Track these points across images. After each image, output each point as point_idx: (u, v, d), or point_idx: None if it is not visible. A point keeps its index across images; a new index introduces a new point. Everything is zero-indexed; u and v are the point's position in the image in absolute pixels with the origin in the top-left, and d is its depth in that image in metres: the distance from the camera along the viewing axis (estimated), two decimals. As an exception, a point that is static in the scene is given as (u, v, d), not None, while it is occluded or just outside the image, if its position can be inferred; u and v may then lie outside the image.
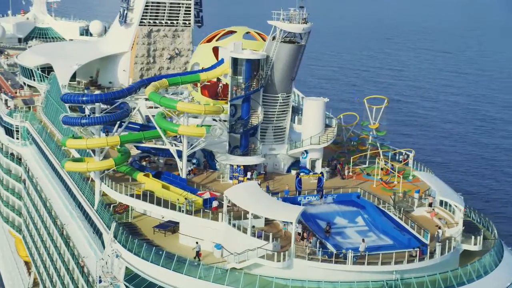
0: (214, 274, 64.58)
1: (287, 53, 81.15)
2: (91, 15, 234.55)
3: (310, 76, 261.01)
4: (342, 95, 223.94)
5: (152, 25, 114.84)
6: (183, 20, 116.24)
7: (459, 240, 69.28)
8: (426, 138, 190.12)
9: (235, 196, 69.56)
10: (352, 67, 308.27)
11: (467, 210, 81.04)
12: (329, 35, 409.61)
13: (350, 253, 63.44)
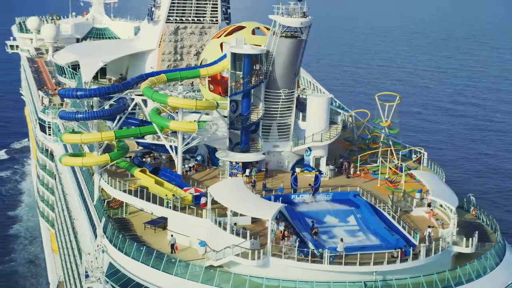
0: (190, 272, 63.56)
1: (287, 48, 79.58)
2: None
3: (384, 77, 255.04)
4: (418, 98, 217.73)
5: (179, 22, 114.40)
6: (210, 17, 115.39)
7: (450, 241, 66.44)
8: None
9: (218, 192, 68.56)
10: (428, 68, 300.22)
11: (477, 212, 78.46)
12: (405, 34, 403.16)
13: (326, 252, 61.52)
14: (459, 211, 79.93)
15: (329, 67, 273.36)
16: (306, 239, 65.79)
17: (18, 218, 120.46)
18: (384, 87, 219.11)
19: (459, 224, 74.87)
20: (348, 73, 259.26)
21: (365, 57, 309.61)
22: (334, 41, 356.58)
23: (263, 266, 62.74)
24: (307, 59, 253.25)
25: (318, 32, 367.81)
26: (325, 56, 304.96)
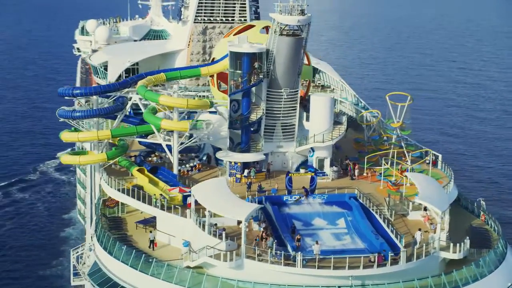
0: (165, 272, 62.94)
1: (287, 46, 78.05)
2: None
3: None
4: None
5: (207, 22, 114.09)
6: (238, 17, 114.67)
7: (437, 247, 64.02)
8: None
9: (199, 192, 67.68)
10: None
11: (486, 217, 75.68)
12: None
13: (299, 255, 60.01)
14: (470, 216, 77.65)
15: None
16: (286, 242, 64.19)
17: (72, 221, 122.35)
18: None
19: (463, 229, 72.84)
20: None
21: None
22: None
23: (238, 268, 61.56)
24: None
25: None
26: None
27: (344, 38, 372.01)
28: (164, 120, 75.01)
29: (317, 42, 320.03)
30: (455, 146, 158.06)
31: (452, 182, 78.79)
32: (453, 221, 74.34)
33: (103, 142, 78.65)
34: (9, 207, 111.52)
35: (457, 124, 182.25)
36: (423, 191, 68.51)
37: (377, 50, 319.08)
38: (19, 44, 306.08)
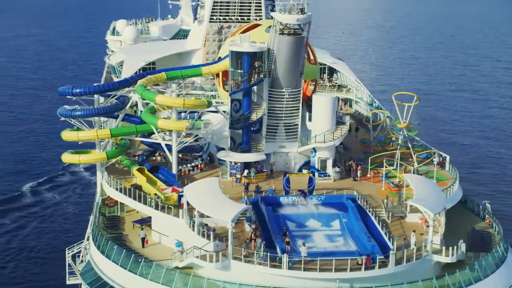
0: (152, 272, 62.70)
1: (287, 45, 77.24)
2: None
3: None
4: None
5: (222, 21, 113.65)
6: (254, 16, 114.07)
7: (429, 250, 62.79)
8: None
9: (190, 192, 67.33)
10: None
11: (491, 220, 74.18)
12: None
13: (285, 257, 59.27)
14: (475, 219, 76.15)
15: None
16: (276, 243, 63.51)
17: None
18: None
19: (465, 232, 71.48)
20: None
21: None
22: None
23: (225, 269, 61.06)
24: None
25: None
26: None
27: (385, 37, 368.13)
28: (161, 119, 74.72)
29: (355, 42, 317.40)
30: (495, 150, 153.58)
31: (457, 183, 77.06)
32: (456, 223, 73.28)
33: (104, 141, 78.38)
34: (37, 207, 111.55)
35: (499, 127, 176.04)
36: (418, 193, 67.26)
37: (418, 49, 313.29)
38: (60, 46, 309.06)
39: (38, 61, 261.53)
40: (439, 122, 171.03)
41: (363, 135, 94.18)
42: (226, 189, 75.54)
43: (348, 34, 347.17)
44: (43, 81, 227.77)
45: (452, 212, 76.24)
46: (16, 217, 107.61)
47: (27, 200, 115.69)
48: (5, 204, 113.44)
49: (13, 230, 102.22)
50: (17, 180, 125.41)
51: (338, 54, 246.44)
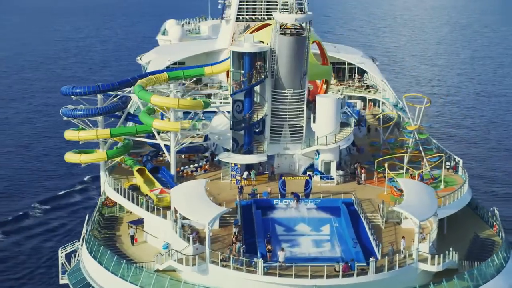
0: (132, 274, 62.38)
1: (287, 46, 75.88)
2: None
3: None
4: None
5: (249, 20, 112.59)
6: None
7: (415, 257, 60.77)
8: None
9: (176, 194, 66.80)
10: None
11: (498, 227, 71.76)
12: None
13: (260, 262, 58.15)
14: (483, 226, 73.77)
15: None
16: (258, 248, 62.39)
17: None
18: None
19: (468, 239, 69.84)
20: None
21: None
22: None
23: (203, 273, 60.29)
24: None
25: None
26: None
27: (458, 36, 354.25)
28: (156, 120, 74.20)
29: (424, 41, 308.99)
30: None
31: (465, 188, 74.58)
32: (462, 229, 71.46)
33: (108, 141, 78.41)
34: (69, 208, 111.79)
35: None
36: (407, 199, 65.22)
37: (491, 48, 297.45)
38: (128, 46, 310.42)
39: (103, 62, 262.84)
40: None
41: (373, 138, 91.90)
42: (224, 190, 74.86)
43: (418, 32, 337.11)
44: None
45: (460, 217, 74.42)
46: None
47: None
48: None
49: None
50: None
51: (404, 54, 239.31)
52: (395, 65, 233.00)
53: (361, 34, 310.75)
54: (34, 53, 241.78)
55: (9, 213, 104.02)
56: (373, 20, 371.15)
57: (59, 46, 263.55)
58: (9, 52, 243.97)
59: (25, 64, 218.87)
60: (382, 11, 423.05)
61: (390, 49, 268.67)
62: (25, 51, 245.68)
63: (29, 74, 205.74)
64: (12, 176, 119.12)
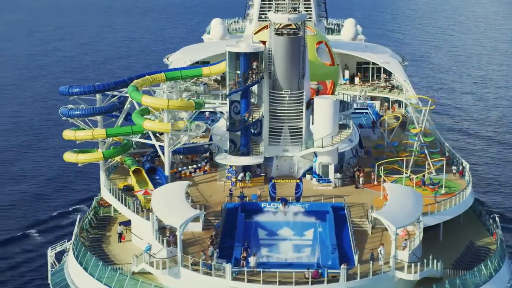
0: (107, 276, 62.27)
1: (283, 46, 74.73)
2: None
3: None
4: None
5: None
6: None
7: (392, 265, 59.06)
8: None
9: (156, 196, 66.39)
10: None
11: (497, 235, 69.54)
12: None
13: (228, 267, 57.29)
14: (484, 233, 71.61)
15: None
16: (233, 252, 61.50)
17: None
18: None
19: (462, 246, 68.70)
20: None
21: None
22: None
23: (176, 276, 59.76)
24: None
25: None
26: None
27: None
28: (147, 120, 73.76)
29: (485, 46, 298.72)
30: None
31: (468, 191, 72.91)
32: (460, 236, 69.59)
33: (107, 141, 78.40)
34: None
35: None
36: (389, 204, 63.38)
37: None
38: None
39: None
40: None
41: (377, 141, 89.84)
42: (218, 192, 74.10)
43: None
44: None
45: (463, 224, 72.45)
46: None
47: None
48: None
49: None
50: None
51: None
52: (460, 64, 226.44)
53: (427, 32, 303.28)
54: (96, 53, 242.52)
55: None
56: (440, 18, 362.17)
57: (118, 45, 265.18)
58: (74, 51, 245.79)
59: (89, 64, 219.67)
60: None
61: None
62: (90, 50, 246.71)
63: (91, 74, 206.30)
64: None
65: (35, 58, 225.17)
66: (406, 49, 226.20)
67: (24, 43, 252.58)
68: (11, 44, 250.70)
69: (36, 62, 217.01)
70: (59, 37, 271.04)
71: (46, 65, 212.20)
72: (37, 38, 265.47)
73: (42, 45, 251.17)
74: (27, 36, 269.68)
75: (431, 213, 68.28)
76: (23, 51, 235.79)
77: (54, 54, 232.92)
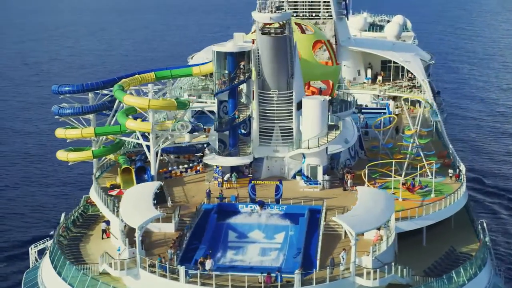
0: (71, 276, 62.42)
1: (268, 45, 73.62)
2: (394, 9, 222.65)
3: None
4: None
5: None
6: (323, 12, 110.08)
7: (352, 271, 57.59)
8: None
9: (126, 196, 66.36)
10: None
11: (482, 242, 67.45)
12: None
13: (181, 269, 56.80)
14: (473, 239, 69.40)
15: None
16: (195, 255, 60.97)
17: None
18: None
19: (440, 252, 66.04)
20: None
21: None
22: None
23: (136, 278, 59.48)
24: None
25: None
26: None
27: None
28: (129, 120, 73.73)
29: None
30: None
31: (460, 192, 71.09)
32: (443, 241, 67.06)
33: (98, 139, 78.90)
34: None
35: None
36: (356, 208, 61.77)
37: None
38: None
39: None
40: None
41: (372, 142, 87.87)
42: (202, 192, 73.63)
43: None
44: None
45: (453, 228, 70.12)
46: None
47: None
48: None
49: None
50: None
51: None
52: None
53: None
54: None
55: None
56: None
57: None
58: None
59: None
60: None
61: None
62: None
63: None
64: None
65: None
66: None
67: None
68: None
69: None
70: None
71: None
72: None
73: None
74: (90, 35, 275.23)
75: (411, 218, 66.17)
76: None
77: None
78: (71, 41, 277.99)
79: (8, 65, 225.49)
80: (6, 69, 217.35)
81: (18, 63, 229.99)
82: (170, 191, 74.31)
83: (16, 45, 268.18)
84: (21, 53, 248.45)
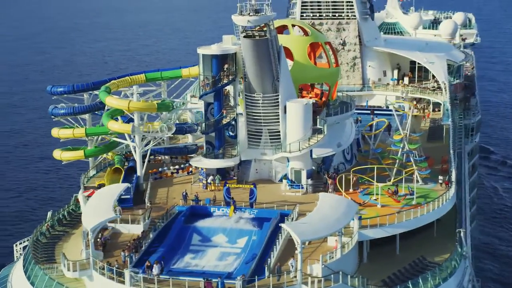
0: (33, 275, 63.52)
1: (249, 48, 73.19)
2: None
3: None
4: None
5: (314, 18, 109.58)
6: (346, 12, 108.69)
7: (299, 279, 57.02)
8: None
9: (92, 197, 67.23)
10: None
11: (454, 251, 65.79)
12: None
13: (127, 272, 57.36)
14: (452, 249, 67.86)
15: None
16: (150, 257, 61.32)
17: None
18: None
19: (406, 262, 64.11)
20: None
21: None
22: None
23: (90, 279, 60.32)
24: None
25: None
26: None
27: None
28: (111, 121, 74.58)
29: None
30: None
31: (445, 197, 69.56)
32: (415, 250, 65.28)
33: (93, 139, 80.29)
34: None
35: None
36: (311, 215, 60.96)
37: None
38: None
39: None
40: None
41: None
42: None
43: None
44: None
45: (435, 236, 68.49)
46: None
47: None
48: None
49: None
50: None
51: None
52: None
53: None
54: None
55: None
56: None
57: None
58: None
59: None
60: None
61: None
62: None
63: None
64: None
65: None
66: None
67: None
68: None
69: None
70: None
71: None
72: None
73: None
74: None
75: (381, 225, 64.81)
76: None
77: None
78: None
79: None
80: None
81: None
82: (154, 192, 74.79)
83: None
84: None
